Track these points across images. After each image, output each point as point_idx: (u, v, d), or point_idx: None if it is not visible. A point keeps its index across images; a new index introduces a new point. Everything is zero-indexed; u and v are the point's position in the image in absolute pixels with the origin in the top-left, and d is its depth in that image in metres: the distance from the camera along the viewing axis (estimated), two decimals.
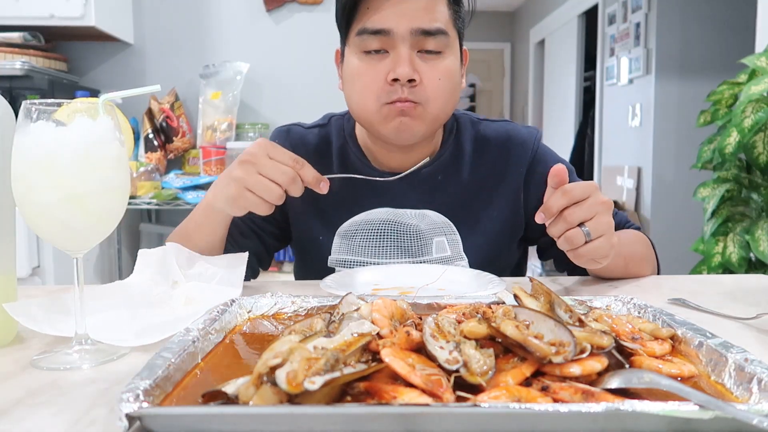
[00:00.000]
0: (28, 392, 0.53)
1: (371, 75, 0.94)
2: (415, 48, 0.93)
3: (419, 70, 0.93)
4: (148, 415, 0.40)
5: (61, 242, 0.63)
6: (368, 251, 1.04)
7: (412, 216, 1.05)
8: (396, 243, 1.04)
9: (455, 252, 1.05)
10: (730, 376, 0.49)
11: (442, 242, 1.05)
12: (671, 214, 3.87)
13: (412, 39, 0.92)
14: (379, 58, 0.94)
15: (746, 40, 2.68)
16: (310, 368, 0.42)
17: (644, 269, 1.03)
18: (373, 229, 1.05)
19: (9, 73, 2.12)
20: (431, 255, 1.04)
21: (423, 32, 0.92)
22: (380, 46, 0.93)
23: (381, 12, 0.92)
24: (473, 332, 0.51)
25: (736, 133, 1.98)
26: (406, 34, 0.92)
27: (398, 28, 0.91)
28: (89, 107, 0.62)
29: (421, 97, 0.94)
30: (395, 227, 1.04)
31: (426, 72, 0.93)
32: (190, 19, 2.61)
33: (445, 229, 1.05)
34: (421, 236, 1.04)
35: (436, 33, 0.93)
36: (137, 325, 0.68)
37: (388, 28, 0.91)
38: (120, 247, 2.54)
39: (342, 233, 1.06)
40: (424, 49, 0.93)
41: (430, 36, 0.92)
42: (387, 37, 0.92)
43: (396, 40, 0.92)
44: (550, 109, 6.06)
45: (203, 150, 2.44)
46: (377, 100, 0.94)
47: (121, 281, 0.84)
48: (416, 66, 0.93)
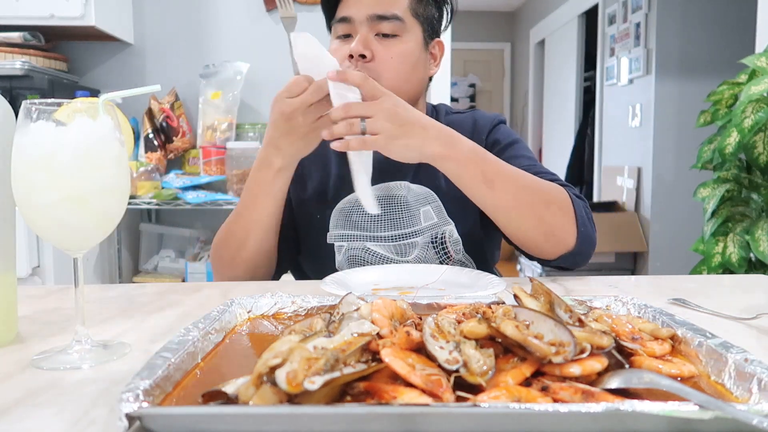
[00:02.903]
0: (28, 392, 0.53)
1: (337, 55, 1.03)
2: (373, 31, 1.06)
3: (373, 49, 1.05)
4: (148, 415, 0.40)
5: (60, 242, 0.63)
6: (363, 225, 1.11)
7: (401, 187, 1.13)
8: (388, 216, 1.11)
9: (441, 218, 1.13)
10: (730, 376, 0.49)
11: (428, 211, 1.13)
12: (671, 214, 3.87)
13: (369, 23, 1.05)
14: (345, 42, 1.07)
15: (746, 40, 2.67)
16: (310, 368, 0.42)
17: (554, 215, 0.96)
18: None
19: (9, 73, 2.12)
20: (420, 224, 1.12)
21: (378, 17, 1.05)
22: (346, 31, 1.07)
23: (346, 2, 1.07)
24: (473, 332, 0.51)
25: (736, 133, 1.98)
26: (364, 19, 1.05)
27: (357, 15, 1.05)
28: (89, 107, 0.62)
29: (373, 71, 1.03)
30: (386, 201, 1.12)
31: (380, 51, 1.05)
32: (190, 19, 2.61)
33: (428, 198, 1.13)
34: (409, 207, 1.12)
35: (390, 18, 1.06)
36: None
37: (350, 15, 1.06)
38: (120, 247, 2.54)
39: (339, 210, 1.12)
40: (381, 32, 1.06)
41: (385, 20, 1.05)
42: (350, 24, 1.06)
43: (356, 26, 1.06)
44: (550, 109, 6.05)
45: (203, 150, 2.44)
46: None
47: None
48: (370, 45, 1.05)
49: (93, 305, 0.85)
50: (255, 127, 2.55)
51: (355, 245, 1.11)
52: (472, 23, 7.07)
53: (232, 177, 2.34)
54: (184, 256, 2.58)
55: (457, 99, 7.37)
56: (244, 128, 2.55)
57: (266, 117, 2.62)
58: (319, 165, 1.17)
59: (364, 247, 1.10)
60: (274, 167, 0.98)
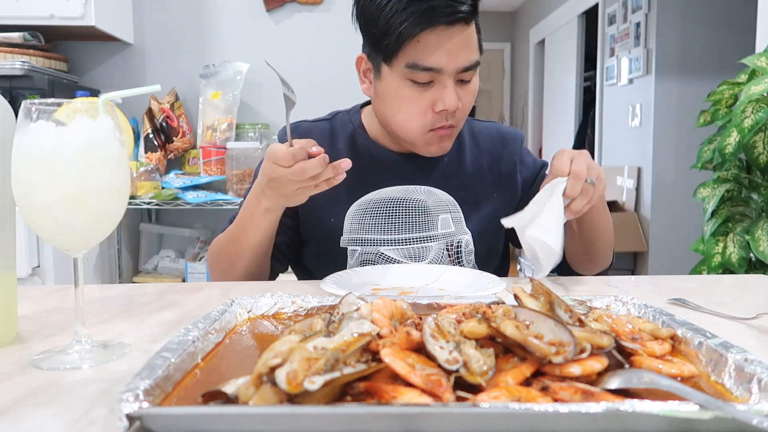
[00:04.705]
0: (28, 392, 0.53)
1: (419, 103, 1.02)
2: (457, 79, 1.02)
3: (460, 98, 1.02)
4: (148, 415, 0.40)
5: (60, 242, 0.63)
6: (378, 228, 1.10)
7: (421, 192, 1.12)
8: (404, 219, 1.10)
9: (459, 228, 1.13)
10: (730, 376, 0.49)
11: (447, 219, 1.12)
12: (671, 214, 3.87)
13: (456, 75, 1.01)
14: (425, 88, 1.01)
15: (746, 40, 2.67)
16: (310, 368, 0.42)
17: (611, 239, 1.13)
18: (383, 206, 1.11)
19: (9, 73, 2.12)
20: (437, 230, 1.11)
21: (465, 69, 1.01)
22: (429, 79, 1.00)
23: (433, 51, 0.98)
24: (473, 332, 0.51)
25: (736, 133, 1.98)
26: (453, 72, 1.00)
27: (448, 67, 0.99)
28: (89, 107, 0.62)
29: (459, 120, 1.05)
30: (404, 203, 1.11)
31: (463, 96, 1.03)
32: (190, 19, 2.61)
33: (449, 206, 1.13)
34: (429, 212, 1.12)
35: (474, 66, 1.02)
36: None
37: (440, 66, 0.98)
38: (120, 247, 2.54)
39: (353, 212, 1.11)
40: (463, 79, 1.02)
41: (470, 69, 1.02)
42: (436, 73, 0.99)
43: (444, 76, 1.00)
44: (550, 109, 6.05)
45: (203, 150, 2.44)
46: (422, 128, 1.04)
47: None
48: (459, 96, 1.02)
49: (93, 305, 0.84)
50: (255, 127, 2.55)
51: (369, 249, 1.09)
52: None
53: (232, 177, 2.34)
54: (184, 256, 2.58)
55: None
56: (244, 128, 2.55)
57: (266, 117, 2.62)
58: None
59: (377, 252, 1.09)
60: (262, 206, 0.97)
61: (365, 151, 1.14)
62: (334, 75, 2.57)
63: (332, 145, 1.14)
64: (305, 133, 1.14)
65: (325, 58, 2.61)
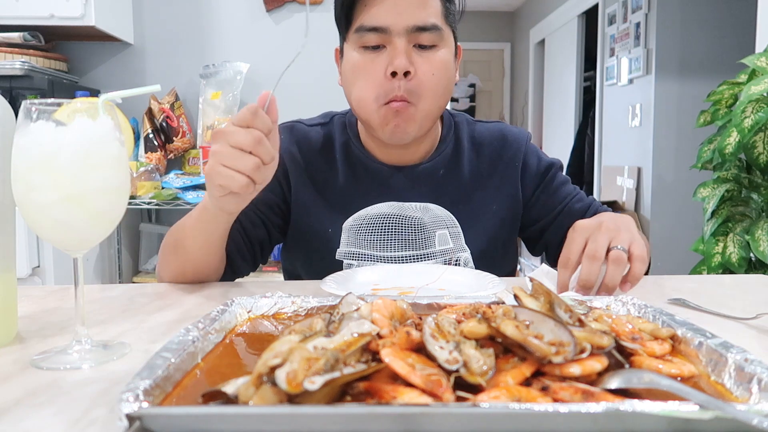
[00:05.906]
0: (28, 392, 0.53)
1: (370, 69, 0.98)
2: (411, 42, 0.97)
3: (414, 63, 0.97)
4: (148, 415, 0.40)
5: (61, 242, 0.63)
6: (373, 244, 1.06)
7: (416, 209, 1.08)
8: (400, 236, 1.07)
9: (457, 245, 1.08)
10: (730, 376, 0.49)
11: (444, 235, 1.08)
12: (671, 214, 3.87)
13: (407, 34, 0.97)
14: (377, 53, 0.98)
15: (746, 40, 2.67)
16: (310, 368, 0.42)
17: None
18: (378, 223, 1.07)
19: (9, 73, 2.12)
20: (434, 247, 1.07)
21: (418, 28, 0.96)
22: (378, 41, 0.97)
23: (378, 10, 0.96)
24: (473, 332, 0.51)
25: (736, 133, 1.98)
26: (402, 31, 0.96)
27: (395, 25, 0.96)
28: (89, 107, 0.62)
29: (415, 92, 0.98)
30: (399, 220, 1.07)
31: (421, 65, 0.97)
32: (190, 19, 2.61)
33: (447, 222, 1.08)
34: (425, 229, 1.07)
35: (430, 28, 0.97)
36: None
37: (386, 25, 0.96)
38: (120, 247, 2.54)
39: (348, 227, 1.08)
40: (419, 43, 0.98)
41: (425, 31, 0.97)
42: (384, 34, 0.97)
43: (393, 36, 0.96)
44: (550, 109, 6.05)
45: (203, 150, 2.44)
46: (376, 99, 0.98)
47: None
48: (412, 59, 0.97)
49: (93, 305, 0.84)
50: None
51: (365, 264, 1.06)
52: (472, 23, 7.07)
53: None
54: None
55: (457, 99, 7.37)
56: None
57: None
58: (329, 175, 1.12)
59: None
60: (203, 202, 0.92)
61: (359, 163, 1.10)
62: (334, 75, 2.56)
63: (326, 154, 1.12)
64: (303, 135, 1.13)
65: (325, 58, 2.60)
